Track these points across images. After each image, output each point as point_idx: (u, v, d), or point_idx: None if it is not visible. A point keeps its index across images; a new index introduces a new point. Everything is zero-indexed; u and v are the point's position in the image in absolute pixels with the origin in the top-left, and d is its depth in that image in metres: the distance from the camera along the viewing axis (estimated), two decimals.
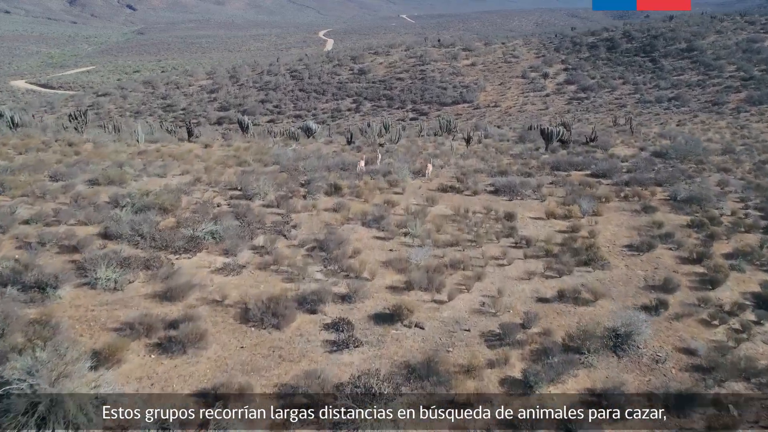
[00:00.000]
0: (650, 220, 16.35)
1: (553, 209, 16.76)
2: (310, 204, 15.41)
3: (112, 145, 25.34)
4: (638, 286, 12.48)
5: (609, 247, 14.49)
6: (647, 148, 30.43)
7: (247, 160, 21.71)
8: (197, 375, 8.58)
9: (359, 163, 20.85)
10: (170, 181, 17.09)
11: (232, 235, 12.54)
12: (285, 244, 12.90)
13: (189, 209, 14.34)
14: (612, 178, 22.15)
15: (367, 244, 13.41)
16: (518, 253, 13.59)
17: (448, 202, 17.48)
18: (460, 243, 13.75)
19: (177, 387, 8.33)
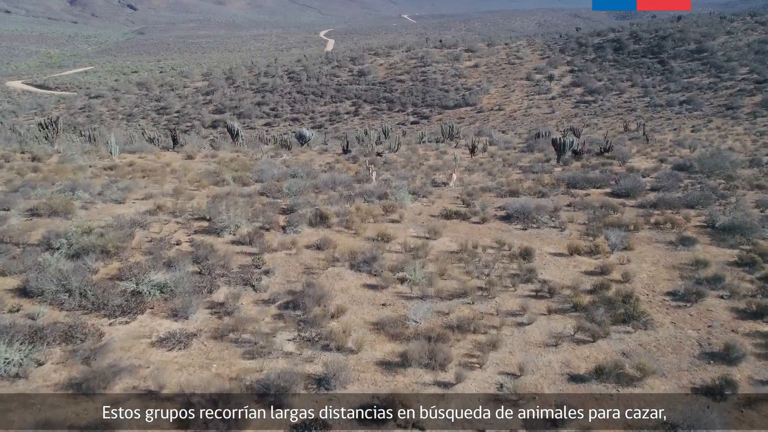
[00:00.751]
0: (691, 257, 13.84)
1: (576, 243, 14.26)
2: (289, 240, 12.89)
3: (80, 159, 22.88)
4: (692, 354, 9.98)
5: (648, 295, 11.99)
6: (667, 159, 27.96)
7: (225, 179, 19.24)
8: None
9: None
10: (127, 210, 14.60)
11: (186, 288, 10.04)
12: (252, 298, 10.40)
13: (140, 249, 11.82)
14: (636, 198, 19.73)
15: (355, 296, 10.91)
16: (540, 306, 11.10)
17: (452, 232, 14.99)
18: (468, 293, 11.26)
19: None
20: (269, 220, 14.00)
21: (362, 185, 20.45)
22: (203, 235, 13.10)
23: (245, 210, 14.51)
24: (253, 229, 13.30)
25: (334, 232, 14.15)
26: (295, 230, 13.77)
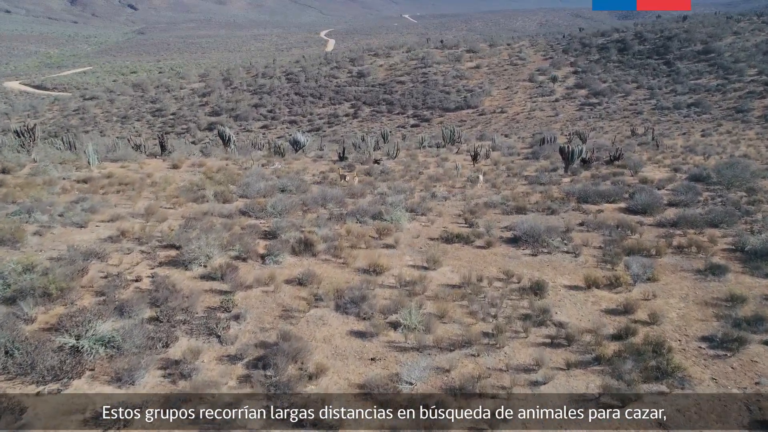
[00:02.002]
0: (724, 291, 12.21)
1: (593, 273, 12.62)
2: (267, 274, 11.23)
3: (54, 171, 21.28)
4: (740, 422, 8.35)
5: (681, 341, 10.34)
6: (681, 168, 26.33)
7: (206, 195, 17.61)
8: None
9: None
10: (87, 236, 12.97)
11: (137, 342, 8.39)
12: (216, 353, 8.76)
13: (91, 289, 10.17)
14: (654, 215, 18.16)
15: (340, 347, 9.26)
16: (557, 358, 9.46)
17: (454, 260, 13.35)
18: (473, 341, 9.62)
19: None
20: (247, 248, 12.36)
21: (356, 201, 18.85)
22: (169, 268, 11.45)
23: (221, 235, 12.88)
24: (227, 261, 11.66)
25: (320, 261, 12.50)
26: (276, 260, 12.12)
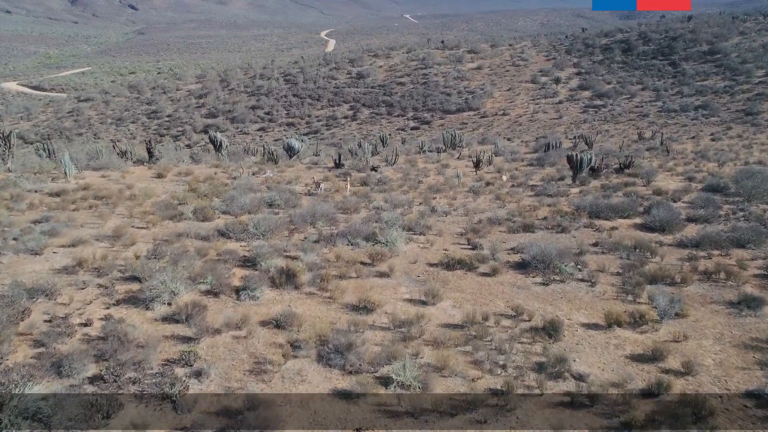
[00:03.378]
0: (764, 329, 10.72)
1: (614, 309, 11.09)
2: (239, 315, 9.70)
3: (26, 183, 19.80)
4: None
5: (723, 399, 8.80)
6: (695, 177, 24.78)
7: (184, 212, 16.10)
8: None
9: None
10: (40, 266, 11.48)
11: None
12: (167, 426, 7.23)
13: (30, 338, 8.65)
14: (673, 233, 16.71)
15: (319, 414, 7.73)
16: (579, 423, 7.95)
17: (456, 292, 11.83)
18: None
19: None
20: (220, 280, 10.84)
21: (349, 217, 17.33)
22: (127, 307, 9.93)
23: (192, 264, 11.36)
24: (195, 298, 10.14)
25: (303, 296, 10.98)
26: (252, 295, 10.60)
